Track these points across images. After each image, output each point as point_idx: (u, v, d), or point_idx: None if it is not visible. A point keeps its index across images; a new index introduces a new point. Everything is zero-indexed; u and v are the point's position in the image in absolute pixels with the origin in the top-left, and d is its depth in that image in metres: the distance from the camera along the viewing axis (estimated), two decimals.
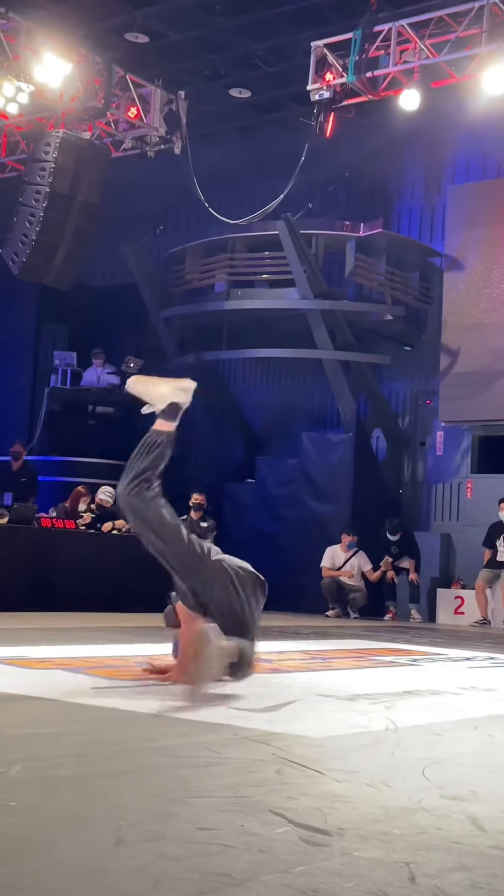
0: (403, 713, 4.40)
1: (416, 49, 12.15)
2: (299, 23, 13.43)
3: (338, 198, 16.17)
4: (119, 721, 3.90)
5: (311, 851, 2.24)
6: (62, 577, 10.61)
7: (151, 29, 13.82)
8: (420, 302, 15.40)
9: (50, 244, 13.58)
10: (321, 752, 3.46)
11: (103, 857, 2.11)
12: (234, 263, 15.35)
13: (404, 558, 13.68)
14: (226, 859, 2.14)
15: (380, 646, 8.59)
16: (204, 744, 3.45)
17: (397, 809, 2.65)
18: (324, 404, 16.07)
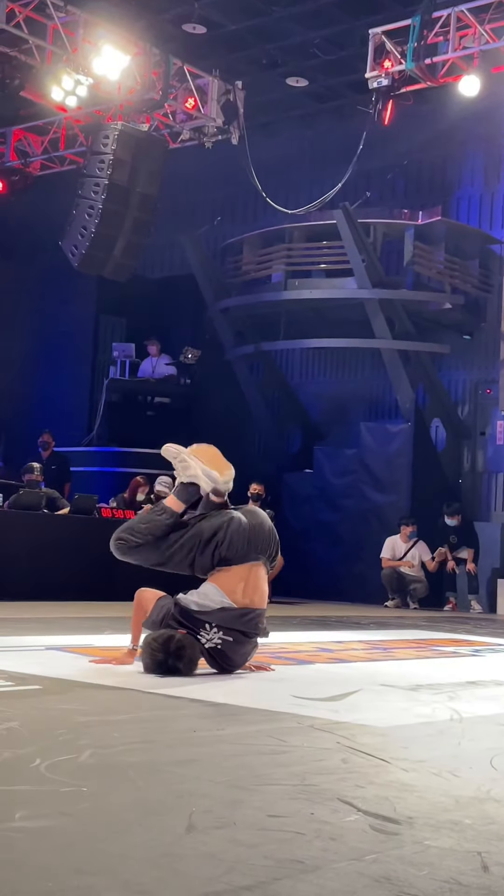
0: (467, 703, 4.38)
1: (476, 34, 12.01)
2: (357, 10, 13.35)
3: (396, 186, 16.06)
4: (184, 709, 3.93)
5: (382, 840, 2.24)
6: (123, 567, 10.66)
7: (209, 19, 13.82)
8: (479, 290, 15.25)
9: (109, 236, 13.64)
10: (386, 741, 3.46)
11: (175, 843, 2.13)
12: (292, 253, 15.32)
13: (462, 548, 13.59)
14: (297, 846, 2.15)
15: (441, 636, 8.55)
16: (269, 732, 3.47)
17: (467, 799, 2.65)
18: (382, 394, 16.00)
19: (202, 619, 4.84)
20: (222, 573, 5.01)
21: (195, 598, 4.93)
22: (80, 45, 12.46)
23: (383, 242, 15.04)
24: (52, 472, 13.49)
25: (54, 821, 2.26)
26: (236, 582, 4.97)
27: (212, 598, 4.91)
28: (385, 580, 13.37)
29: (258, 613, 4.95)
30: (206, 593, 4.95)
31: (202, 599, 4.91)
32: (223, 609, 4.87)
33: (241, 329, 16.14)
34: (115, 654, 5.11)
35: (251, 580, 5.00)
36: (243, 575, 4.99)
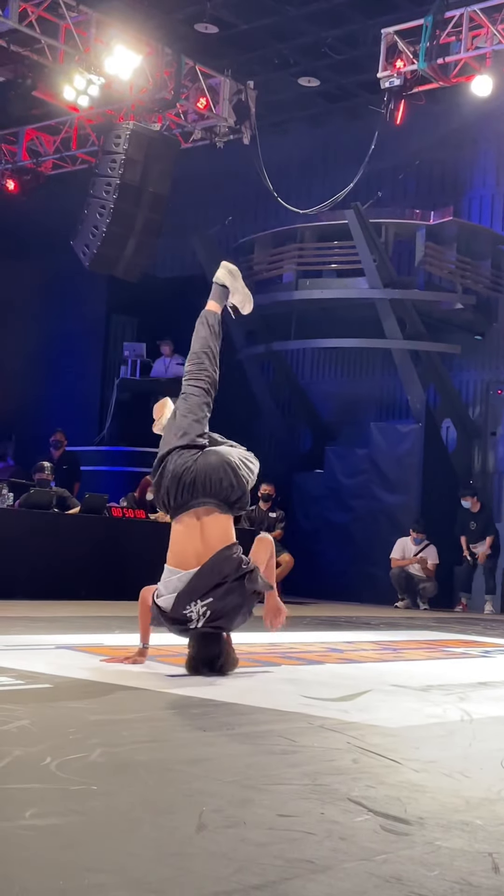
0: (478, 704, 4.37)
1: (489, 34, 11.98)
2: (369, 10, 13.34)
3: (407, 186, 16.04)
4: (193, 708, 3.92)
5: (393, 840, 2.23)
6: (133, 566, 10.68)
7: (221, 19, 13.82)
8: (491, 290, 15.23)
9: (120, 236, 13.65)
10: (397, 741, 3.45)
11: (186, 842, 2.13)
12: (303, 253, 15.32)
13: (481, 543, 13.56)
14: (308, 846, 2.14)
15: (451, 637, 8.53)
16: (279, 732, 3.46)
17: (478, 800, 2.64)
18: (393, 394, 15.99)
19: (177, 615, 4.61)
20: (171, 535, 4.82)
21: (163, 594, 4.69)
22: (92, 44, 12.47)
23: (395, 242, 15.03)
24: (62, 472, 13.49)
25: (64, 819, 2.26)
26: (185, 543, 4.72)
27: (170, 588, 4.66)
28: (393, 580, 13.36)
29: (213, 560, 4.60)
30: (165, 583, 4.70)
31: (166, 593, 4.67)
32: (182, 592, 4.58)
33: (252, 329, 16.13)
34: (127, 654, 5.10)
35: (203, 532, 4.70)
36: (190, 530, 4.73)
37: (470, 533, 13.62)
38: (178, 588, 4.63)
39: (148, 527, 11.51)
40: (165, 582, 4.73)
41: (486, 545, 13.52)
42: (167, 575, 4.75)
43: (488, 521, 13.75)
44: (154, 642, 6.21)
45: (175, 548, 4.79)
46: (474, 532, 13.61)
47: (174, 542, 4.82)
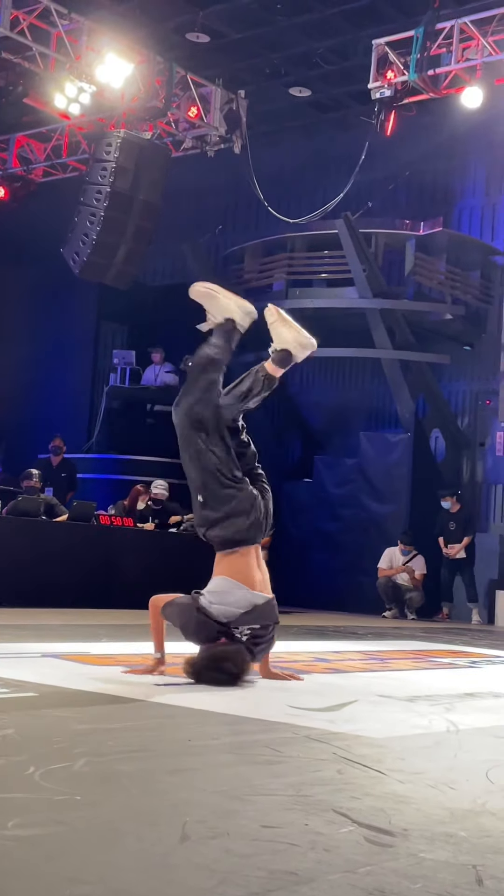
0: (464, 715, 4.37)
1: (479, 46, 12.04)
2: (360, 21, 13.39)
3: (397, 196, 16.08)
4: (179, 718, 3.91)
5: (377, 852, 2.23)
6: (121, 574, 10.68)
7: (212, 28, 13.85)
8: (480, 301, 15.27)
9: (110, 243, 13.66)
10: (382, 752, 3.44)
11: (169, 853, 2.12)
12: (293, 262, 15.34)
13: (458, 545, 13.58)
14: (291, 857, 2.14)
15: (438, 647, 8.53)
16: (265, 742, 3.46)
17: (462, 811, 2.63)
18: (382, 404, 16.00)
19: (230, 623, 4.82)
20: (233, 558, 4.98)
21: (216, 603, 4.85)
22: (84, 52, 12.49)
23: (385, 252, 15.06)
24: (61, 480, 13.40)
25: (48, 829, 2.24)
26: (249, 569, 4.97)
27: (233, 600, 4.83)
28: (380, 589, 13.36)
29: (273, 603, 4.97)
30: (223, 592, 4.87)
31: (223, 604, 4.83)
32: (248, 613, 4.84)
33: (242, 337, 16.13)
34: (145, 663, 5.05)
35: (260, 564, 5.05)
36: (252, 559, 5.02)
37: (449, 533, 13.66)
38: (236, 612, 4.83)
39: (135, 536, 11.50)
40: (222, 593, 4.89)
41: (462, 544, 13.55)
42: (227, 585, 4.91)
43: (467, 521, 13.78)
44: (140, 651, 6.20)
45: (239, 567, 4.99)
46: (453, 532, 13.64)
47: (239, 563, 5.01)
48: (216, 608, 4.83)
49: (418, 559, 13.45)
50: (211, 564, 5.12)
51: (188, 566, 11.28)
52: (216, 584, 4.96)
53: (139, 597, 10.35)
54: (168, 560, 11.20)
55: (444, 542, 13.66)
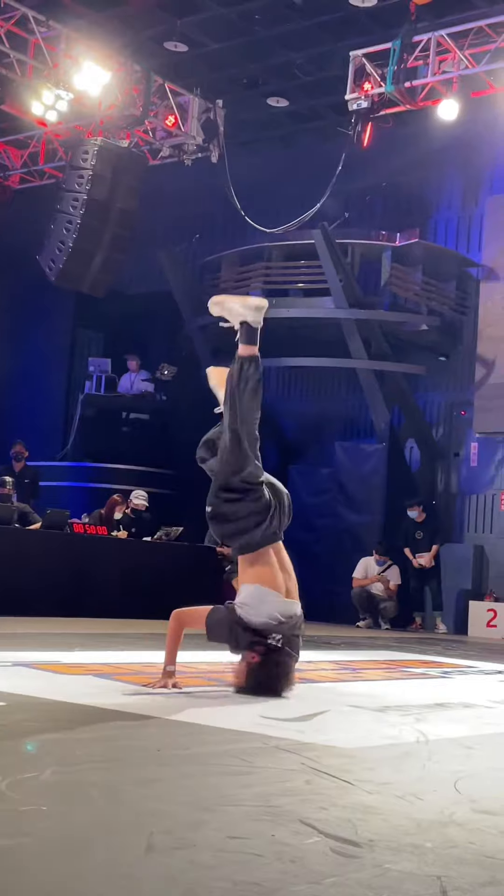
0: (434, 725, 4.38)
1: (456, 59, 12.11)
2: (338, 32, 13.44)
3: (374, 207, 16.14)
4: (149, 728, 3.90)
5: (342, 863, 2.23)
6: (94, 583, 10.64)
7: (190, 38, 13.87)
8: (456, 312, 15.33)
9: (87, 251, 13.65)
10: (351, 762, 3.44)
11: (134, 864, 2.11)
12: (270, 272, 15.36)
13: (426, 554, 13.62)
14: (257, 868, 2.13)
15: (410, 657, 8.55)
16: (234, 752, 3.45)
17: (429, 822, 2.64)
18: (357, 414, 16.04)
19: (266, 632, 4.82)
20: (257, 566, 4.99)
21: (252, 611, 4.84)
22: (62, 60, 12.50)
23: (361, 263, 15.10)
24: (24, 486, 13.32)
25: (13, 840, 2.23)
26: (275, 570, 4.99)
27: (268, 609, 4.83)
28: (355, 599, 13.38)
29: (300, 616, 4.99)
30: (258, 601, 4.86)
31: (259, 616, 4.82)
32: (283, 623, 4.84)
33: (219, 346, 16.10)
34: (156, 681, 4.97)
35: (284, 565, 5.07)
36: (273, 559, 5.04)
37: (415, 542, 13.70)
38: (278, 620, 4.83)
39: (109, 544, 11.47)
40: (258, 600, 4.87)
41: (431, 553, 13.59)
42: (258, 593, 4.90)
43: (434, 531, 13.83)
44: (112, 660, 6.19)
45: (265, 572, 5.01)
46: (420, 542, 13.69)
47: (263, 570, 5.02)
48: (254, 619, 4.83)
49: (393, 569, 13.49)
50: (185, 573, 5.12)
51: (161, 575, 11.29)
52: (248, 592, 4.94)
53: (112, 605, 10.40)
54: (142, 569, 11.18)
55: (411, 552, 13.70)
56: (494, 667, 8.11)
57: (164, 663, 4.97)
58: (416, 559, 13.65)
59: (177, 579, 11.43)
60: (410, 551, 13.69)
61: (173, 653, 4.99)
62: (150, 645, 7.77)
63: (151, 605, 10.87)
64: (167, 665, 4.96)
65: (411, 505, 13.85)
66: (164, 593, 11.10)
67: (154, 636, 8.58)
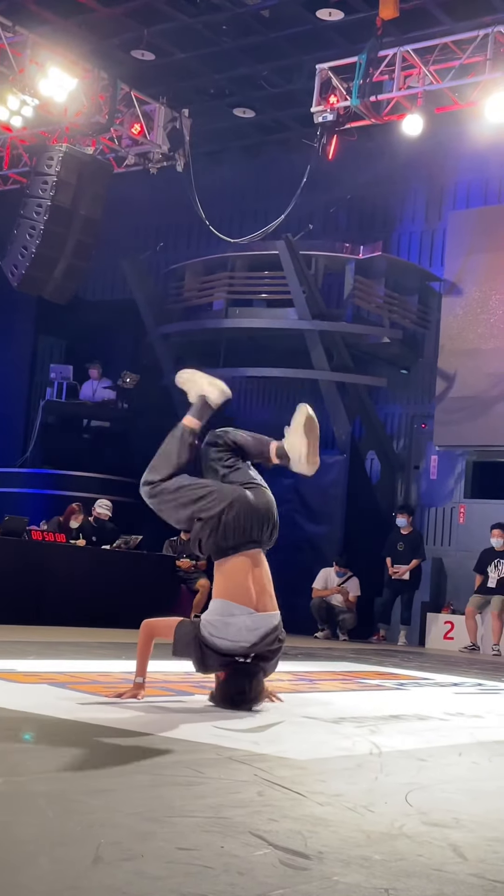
0: (388, 737, 4.39)
1: (420, 75, 12.20)
2: (305, 45, 13.51)
3: (338, 220, 16.22)
4: (103, 737, 3.88)
5: (290, 875, 2.22)
6: (51, 591, 10.58)
7: (158, 46, 13.89)
8: (418, 326, 15.43)
9: (50, 257, 13.60)
10: (304, 774, 3.44)
11: (81, 876, 2.09)
12: (234, 282, 15.38)
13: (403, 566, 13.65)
14: (204, 880, 2.12)
15: (367, 669, 8.56)
16: (187, 763, 3.44)
17: (378, 834, 2.64)
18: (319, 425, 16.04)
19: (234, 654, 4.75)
20: (228, 574, 4.90)
21: (217, 636, 4.73)
22: (27, 65, 12.45)
23: (324, 275, 15.16)
24: None
25: None
26: (244, 584, 4.86)
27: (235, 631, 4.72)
28: (314, 610, 13.39)
29: (276, 628, 4.90)
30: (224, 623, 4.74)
31: (225, 638, 4.73)
32: (253, 644, 4.76)
33: (181, 355, 16.12)
34: (125, 689, 4.93)
35: (257, 576, 4.93)
36: (246, 569, 4.91)
37: (396, 553, 13.73)
38: (243, 644, 4.74)
39: (67, 552, 11.41)
40: (225, 621, 4.76)
41: (409, 566, 13.63)
42: (225, 611, 4.79)
43: (417, 545, 13.87)
44: (67, 669, 6.15)
45: (233, 584, 4.88)
46: (401, 553, 13.71)
47: (231, 579, 4.91)
48: (219, 641, 4.73)
49: (353, 581, 13.52)
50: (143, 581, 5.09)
51: (119, 583, 11.24)
52: (215, 609, 4.83)
53: (69, 613, 10.34)
54: (99, 577, 11.13)
55: (391, 563, 13.72)
56: (450, 679, 8.15)
57: (135, 674, 4.92)
58: (393, 568, 13.68)
59: (134, 588, 11.40)
60: (391, 561, 13.71)
61: (144, 664, 4.92)
62: (106, 654, 7.74)
63: (108, 614, 10.84)
64: (137, 676, 4.91)
65: (401, 512, 13.87)
66: (121, 602, 11.09)
67: (111, 645, 8.55)
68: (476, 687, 7.69)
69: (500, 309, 14.45)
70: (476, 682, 8.03)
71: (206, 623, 4.78)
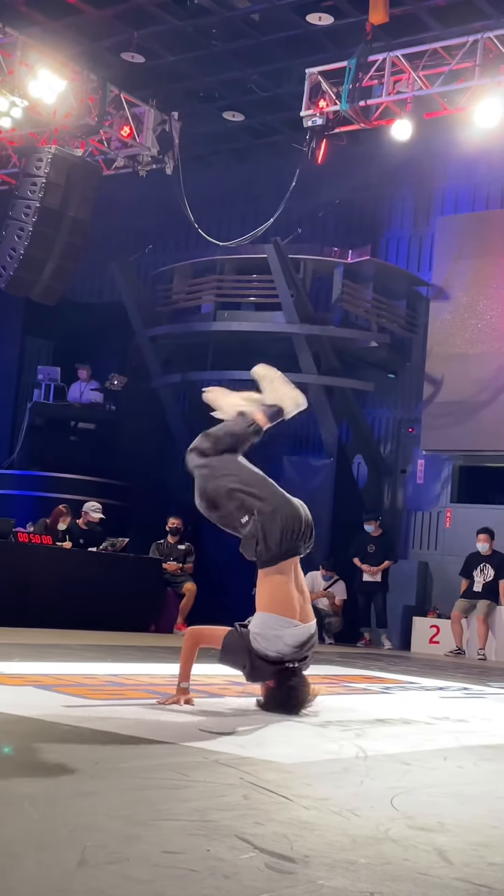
0: (374, 741, 4.39)
1: (410, 80, 12.24)
2: (295, 49, 13.53)
3: (327, 224, 16.25)
4: (88, 740, 3.87)
5: (276, 878, 2.22)
6: (37, 593, 10.55)
7: (148, 49, 13.89)
8: (405, 330, 15.46)
9: (38, 259, 13.58)
10: (290, 777, 3.44)
11: (66, 879, 2.09)
12: (222, 285, 15.38)
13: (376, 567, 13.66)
14: (190, 884, 2.12)
15: (353, 672, 8.57)
16: (173, 766, 3.43)
17: (364, 838, 2.64)
18: (306, 429, 16.08)
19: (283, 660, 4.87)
20: (272, 585, 4.99)
21: (269, 649, 4.85)
22: (17, 66, 12.45)
23: (313, 279, 15.18)
24: None
25: None
26: (289, 595, 4.95)
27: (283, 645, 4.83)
28: None
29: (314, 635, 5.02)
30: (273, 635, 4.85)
31: (275, 650, 4.84)
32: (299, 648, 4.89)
33: (169, 358, 16.13)
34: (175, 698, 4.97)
35: (297, 578, 5.04)
36: (289, 578, 5.01)
37: (366, 555, 13.74)
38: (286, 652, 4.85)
39: (54, 554, 11.39)
40: (273, 632, 4.87)
41: (380, 567, 13.66)
42: (273, 624, 4.89)
43: (388, 547, 13.89)
44: (52, 671, 6.14)
45: (279, 596, 4.98)
46: (372, 556, 13.73)
47: (277, 590, 5.01)
48: (270, 653, 4.86)
49: (339, 584, 13.52)
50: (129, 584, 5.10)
51: (105, 586, 11.23)
52: (262, 622, 4.92)
53: (55, 615, 10.32)
54: (85, 579, 11.11)
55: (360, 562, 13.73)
56: (436, 683, 8.16)
57: (178, 680, 5.03)
58: (363, 566, 13.70)
59: (120, 590, 11.39)
60: (360, 561, 13.73)
61: (187, 670, 5.03)
62: (91, 656, 7.73)
63: (94, 617, 10.83)
64: (181, 682, 5.01)
65: (369, 519, 13.91)
66: (107, 604, 11.08)
67: (96, 647, 8.54)
68: (462, 691, 7.70)
69: (488, 314, 14.50)
70: (462, 687, 8.04)
71: (255, 636, 4.89)
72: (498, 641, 12.92)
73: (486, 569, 13.03)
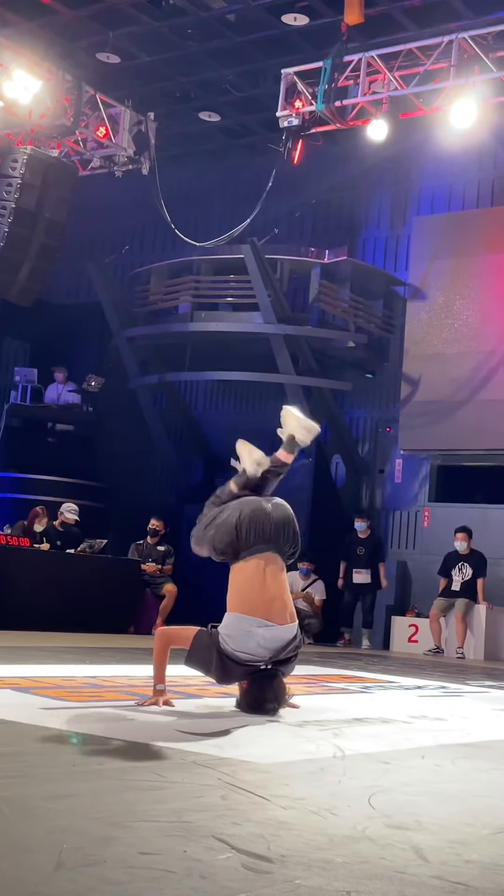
0: (352, 741, 4.40)
1: (385, 80, 12.26)
2: (270, 50, 13.54)
3: (304, 224, 16.27)
4: (64, 742, 3.86)
5: (253, 879, 2.22)
6: (15, 595, 10.52)
7: (123, 49, 13.86)
8: (383, 330, 15.49)
9: (14, 260, 13.52)
10: (267, 777, 3.45)
11: (42, 882, 2.08)
12: (199, 286, 15.37)
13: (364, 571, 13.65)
14: (167, 885, 2.12)
15: (332, 672, 8.58)
16: (150, 767, 3.43)
17: (341, 838, 2.65)
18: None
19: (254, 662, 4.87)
20: (240, 583, 5.02)
21: (238, 650, 4.85)
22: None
23: (290, 279, 15.19)
24: None
25: None
26: (258, 593, 4.95)
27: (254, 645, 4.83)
28: None
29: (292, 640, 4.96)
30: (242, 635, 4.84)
31: (244, 651, 4.84)
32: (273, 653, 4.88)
33: (146, 358, 16.11)
34: (150, 696, 5.00)
35: (269, 584, 5.00)
36: (258, 578, 5.00)
37: (355, 558, 13.74)
38: (261, 639, 4.85)
39: (31, 556, 11.36)
40: (242, 633, 4.87)
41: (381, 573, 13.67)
42: (243, 626, 4.88)
43: (376, 548, 13.90)
44: (30, 674, 6.12)
45: (243, 596, 5.00)
46: (361, 557, 13.73)
47: (241, 589, 5.03)
48: (241, 654, 4.86)
49: (318, 584, 13.53)
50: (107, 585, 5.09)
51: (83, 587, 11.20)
52: (229, 622, 4.93)
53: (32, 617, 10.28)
54: (63, 581, 11.08)
55: (348, 567, 13.72)
56: (414, 682, 8.18)
57: (154, 682, 5.02)
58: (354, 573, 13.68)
59: (99, 592, 11.37)
60: (347, 566, 13.72)
61: (162, 671, 5.02)
62: (69, 659, 7.71)
63: (73, 618, 10.80)
64: (156, 684, 5.01)
65: (361, 516, 13.90)
66: (85, 606, 11.06)
67: (75, 650, 8.51)
68: (440, 690, 7.73)
69: (465, 314, 14.54)
70: (440, 685, 8.06)
71: (225, 637, 4.88)
72: (476, 640, 12.97)
73: (465, 568, 13.07)
